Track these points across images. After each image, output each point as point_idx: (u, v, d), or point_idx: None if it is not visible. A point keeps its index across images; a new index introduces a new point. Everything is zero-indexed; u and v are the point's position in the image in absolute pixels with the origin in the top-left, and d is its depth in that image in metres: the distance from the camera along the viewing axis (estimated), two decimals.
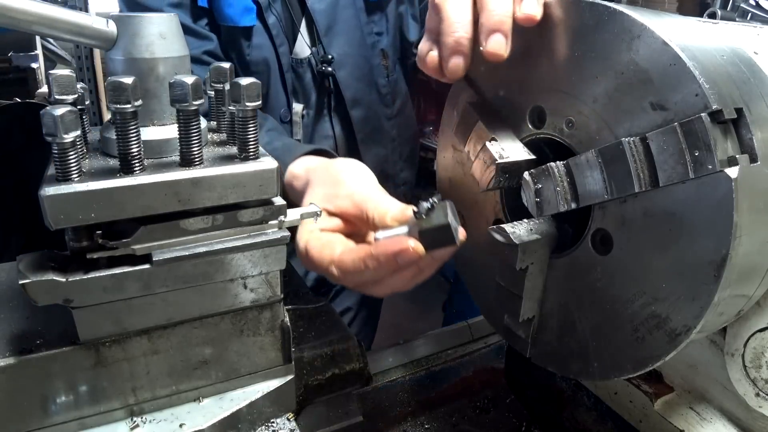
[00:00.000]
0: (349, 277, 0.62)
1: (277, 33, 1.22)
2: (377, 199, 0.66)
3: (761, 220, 0.46)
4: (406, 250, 0.56)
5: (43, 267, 0.50)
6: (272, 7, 1.20)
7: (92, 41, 0.53)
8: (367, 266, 0.59)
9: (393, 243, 0.57)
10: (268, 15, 1.20)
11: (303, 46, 1.27)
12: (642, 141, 0.48)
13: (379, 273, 0.60)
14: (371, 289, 0.65)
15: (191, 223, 0.52)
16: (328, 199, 0.70)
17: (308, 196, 0.74)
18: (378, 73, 1.35)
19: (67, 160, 0.47)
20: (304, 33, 1.27)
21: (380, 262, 0.58)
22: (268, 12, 1.20)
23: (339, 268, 0.62)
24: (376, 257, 0.58)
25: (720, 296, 0.46)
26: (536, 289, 0.61)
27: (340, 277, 0.62)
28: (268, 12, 1.20)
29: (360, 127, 1.34)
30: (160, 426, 0.57)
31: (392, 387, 0.88)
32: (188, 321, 0.57)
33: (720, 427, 0.64)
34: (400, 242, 0.56)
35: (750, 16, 1.34)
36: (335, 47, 1.27)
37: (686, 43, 0.47)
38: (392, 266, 0.58)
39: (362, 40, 1.32)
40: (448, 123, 0.70)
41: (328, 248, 0.64)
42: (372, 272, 0.59)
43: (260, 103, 0.53)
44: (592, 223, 0.55)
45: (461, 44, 0.57)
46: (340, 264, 0.62)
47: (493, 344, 0.99)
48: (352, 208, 0.68)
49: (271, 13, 1.20)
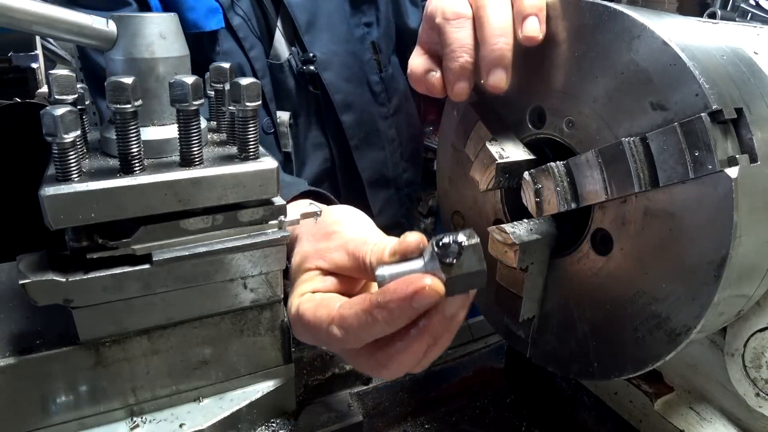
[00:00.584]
0: (354, 336, 0.49)
1: (245, 35, 1.08)
2: (374, 241, 0.56)
3: (761, 220, 0.46)
4: (422, 289, 0.44)
5: (43, 267, 0.50)
6: (235, 7, 1.07)
7: (92, 41, 0.53)
8: (374, 318, 0.47)
9: (405, 282, 0.45)
10: (232, 16, 1.07)
11: (282, 47, 1.13)
12: (642, 141, 0.48)
13: (391, 325, 0.47)
14: (380, 367, 0.51)
15: (191, 223, 0.52)
16: (320, 254, 0.59)
17: (296, 254, 0.62)
18: (369, 69, 1.22)
19: (67, 160, 0.47)
20: (281, 32, 1.13)
21: (391, 310, 0.46)
22: (231, 12, 1.07)
23: (340, 326, 0.50)
24: (385, 304, 0.46)
25: (720, 296, 0.46)
26: (536, 289, 0.61)
27: (343, 337, 0.50)
28: (230, 12, 1.06)
29: (353, 133, 1.21)
30: (160, 426, 0.57)
31: (392, 387, 0.88)
32: (188, 321, 0.57)
33: (720, 427, 0.64)
34: (413, 281, 0.45)
35: (750, 16, 1.34)
36: (318, 45, 1.13)
37: (686, 43, 0.47)
38: (407, 314, 0.46)
39: (349, 34, 1.18)
40: (448, 123, 0.70)
41: (325, 306, 0.53)
42: (382, 326, 0.47)
43: (260, 103, 0.53)
44: (592, 223, 0.55)
45: (466, 69, 0.57)
46: (342, 321, 0.50)
47: (493, 344, 0.98)
48: (347, 259, 0.57)
49: (235, 13, 1.07)
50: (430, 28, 0.60)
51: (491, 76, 0.56)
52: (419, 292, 0.44)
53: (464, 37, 0.57)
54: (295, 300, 0.57)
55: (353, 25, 1.19)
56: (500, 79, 0.56)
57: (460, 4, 0.58)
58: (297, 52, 1.13)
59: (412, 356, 0.49)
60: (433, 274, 0.45)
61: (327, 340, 0.52)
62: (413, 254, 0.49)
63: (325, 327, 0.51)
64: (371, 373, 0.54)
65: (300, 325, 0.55)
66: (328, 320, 0.51)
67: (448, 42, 0.58)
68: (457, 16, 0.57)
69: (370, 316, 0.47)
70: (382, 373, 0.52)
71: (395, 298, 0.45)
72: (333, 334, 0.50)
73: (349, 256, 0.57)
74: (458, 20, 0.57)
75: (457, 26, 0.57)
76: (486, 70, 0.56)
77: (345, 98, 1.18)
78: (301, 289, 0.57)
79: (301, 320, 0.55)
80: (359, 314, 0.48)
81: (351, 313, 0.49)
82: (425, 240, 0.49)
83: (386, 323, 0.47)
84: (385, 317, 0.46)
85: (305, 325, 0.54)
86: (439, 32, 0.58)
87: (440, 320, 0.47)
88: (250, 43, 1.09)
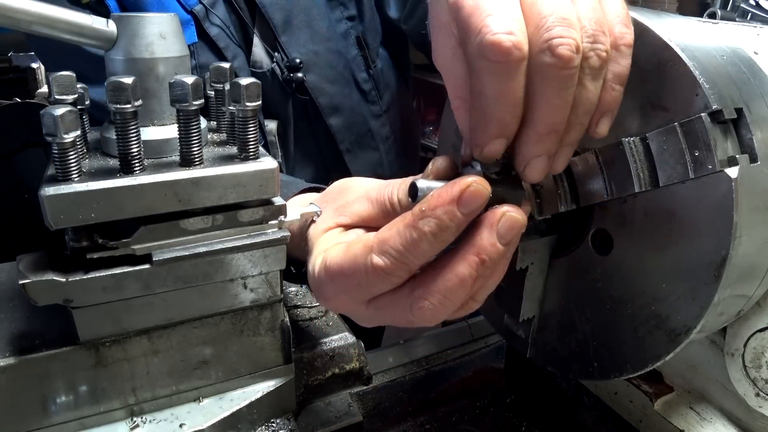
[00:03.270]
0: (399, 262, 0.43)
1: (226, 45, 1.01)
2: (397, 180, 0.51)
3: (761, 220, 0.46)
4: (468, 187, 0.40)
5: (43, 267, 0.50)
6: (211, 16, 0.99)
7: (92, 41, 0.53)
8: (420, 232, 0.41)
9: (448, 186, 0.41)
10: (209, 27, 0.99)
11: (261, 52, 1.07)
12: (642, 141, 0.48)
13: (438, 239, 0.42)
14: (422, 301, 0.44)
15: (191, 223, 0.52)
16: (339, 211, 0.55)
17: (313, 227, 0.57)
18: (356, 67, 1.14)
19: (67, 160, 0.47)
20: (258, 36, 1.05)
21: (438, 218, 0.41)
22: (207, 23, 0.98)
23: (381, 251, 0.43)
24: (431, 211, 0.41)
25: (720, 296, 0.46)
26: (536, 289, 0.61)
27: (386, 266, 0.43)
28: (207, 23, 0.98)
29: (343, 136, 1.14)
30: (160, 426, 0.57)
31: (392, 387, 0.88)
32: (188, 321, 0.57)
33: (720, 427, 0.64)
34: (457, 182, 0.41)
35: (750, 16, 1.34)
36: (297, 45, 1.05)
37: (686, 43, 0.47)
38: (455, 221, 0.41)
39: (331, 30, 1.09)
40: (448, 123, 0.70)
41: (358, 241, 0.47)
42: (428, 241, 0.42)
43: (260, 103, 0.53)
44: (592, 223, 0.55)
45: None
46: (382, 244, 0.44)
47: (493, 344, 0.99)
48: (371, 207, 0.52)
49: (211, 23, 0.99)
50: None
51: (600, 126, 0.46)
52: (466, 192, 0.40)
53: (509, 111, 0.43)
54: (318, 258, 0.50)
55: (335, 21, 1.10)
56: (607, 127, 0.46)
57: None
58: (282, 58, 1.06)
59: (459, 284, 0.43)
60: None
61: (365, 282, 0.45)
62: (447, 176, 0.46)
63: (364, 261, 0.45)
64: (411, 318, 0.46)
65: (328, 278, 0.49)
66: (366, 251, 0.45)
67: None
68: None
69: (415, 230, 0.42)
70: (425, 312, 0.45)
71: (441, 202, 0.41)
72: (374, 265, 0.44)
73: (372, 203, 0.52)
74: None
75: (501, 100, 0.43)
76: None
77: (331, 101, 1.11)
78: (323, 246, 0.52)
79: (329, 272, 0.48)
80: (402, 231, 0.43)
81: (392, 233, 0.43)
82: (456, 165, 0.47)
83: (433, 236, 0.41)
84: (432, 228, 0.41)
85: (335, 273, 0.48)
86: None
87: (491, 241, 0.42)
88: (232, 53, 1.02)
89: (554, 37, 0.38)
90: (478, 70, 0.40)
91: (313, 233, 0.56)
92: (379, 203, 0.51)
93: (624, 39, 0.44)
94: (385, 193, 0.51)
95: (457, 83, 0.45)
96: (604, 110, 0.45)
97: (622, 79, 0.44)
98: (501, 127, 0.41)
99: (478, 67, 0.39)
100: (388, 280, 0.45)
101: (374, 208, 0.52)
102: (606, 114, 0.45)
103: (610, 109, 0.45)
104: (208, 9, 0.99)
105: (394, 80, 1.25)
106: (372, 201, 0.52)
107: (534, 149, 0.42)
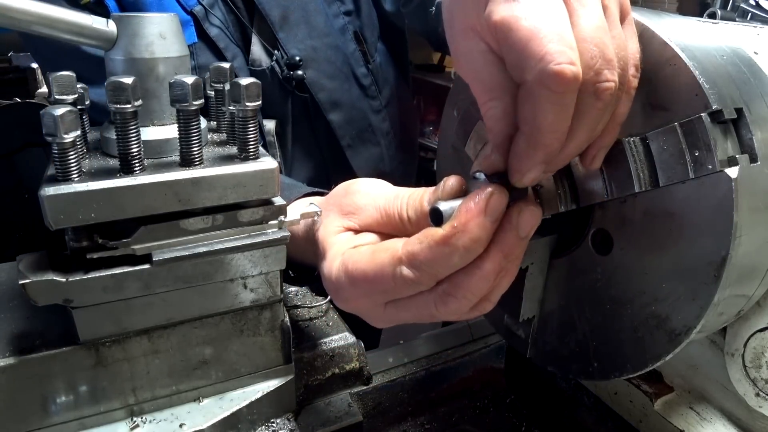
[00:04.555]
0: (429, 274, 0.45)
1: (225, 45, 1.00)
2: (406, 193, 0.51)
3: (761, 220, 0.46)
4: (491, 195, 0.43)
5: (43, 267, 0.50)
6: (210, 17, 0.98)
7: (92, 41, 0.53)
8: (453, 247, 0.43)
9: (472, 199, 0.43)
10: (208, 27, 0.98)
11: (260, 50, 1.06)
12: (642, 141, 0.48)
13: (471, 251, 0.43)
14: (446, 297, 0.46)
15: (191, 223, 0.52)
16: (348, 216, 0.54)
17: (322, 229, 0.56)
18: (355, 62, 1.13)
19: (67, 160, 0.47)
20: (256, 34, 1.05)
21: (471, 233, 0.42)
22: (207, 24, 0.98)
23: (411, 265, 0.45)
24: (464, 226, 0.42)
25: (720, 296, 0.46)
26: (536, 289, 0.61)
27: (416, 278, 0.45)
28: (206, 24, 0.98)
29: (344, 132, 1.14)
30: (160, 426, 0.57)
31: (392, 387, 0.88)
32: (188, 321, 0.57)
33: (720, 427, 0.64)
34: (478, 193, 0.43)
35: (750, 16, 1.34)
36: (295, 41, 1.04)
37: (686, 43, 0.47)
38: (486, 232, 0.43)
39: (328, 26, 1.08)
40: (448, 123, 0.70)
41: (385, 249, 0.47)
42: (461, 254, 0.43)
43: (260, 103, 0.53)
44: (592, 223, 0.55)
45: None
46: (412, 258, 0.44)
47: (493, 344, 0.99)
48: (379, 217, 0.52)
49: (211, 24, 0.98)
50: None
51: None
52: (490, 201, 0.43)
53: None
54: (335, 260, 0.50)
55: (332, 16, 1.10)
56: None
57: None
58: (281, 56, 1.05)
59: (483, 279, 0.45)
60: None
61: (392, 288, 0.47)
62: (458, 196, 0.47)
63: (391, 271, 0.46)
64: (433, 313, 0.47)
65: (349, 282, 0.49)
66: (394, 262, 0.46)
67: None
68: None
69: (448, 246, 0.43)
70: (449, 306, 0.46)
71: (471, 216, 0.43)
72: (403, 276, 0.45)
73: (382, 214, 0.52)
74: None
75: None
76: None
77: (331, 96, 1.10)
78: (339, 249, 0.52)
79: (351, 276, 0.48)
80: (434, 247, 0.44)
81: (423, 248, 0.44)
82: (465, 182, 0.48)
83: (466, 250, 0.43)
84: (466, 243, 0.43)
85: (358, 279, 0.48)
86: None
87: (514, 235, 0.44)
88: (231, 53, 1.02)
89: (602, 81, 0.40)
90: (536, 98, 0.39)
91: (323, 235, 0.56)
92: (389, 216, 0.51)
93: (634, 82, 0.45)
94: (394, 207, 0.51)
95: (491, 87, 0.44)
96: (601, 145, 0.47)
97: (622, 120, 0.46)
98: (548, 154, 0.42)
99: (537, 95, 0.39)
100: (416, 288, 0.46)
101: (382, 218, 0.52)
102: (602, 149, 0.48)
103: (605, 145, 0.47)
104: (207, 9, 0.98)
105: (392, 75, 1.25)
106: (381, 212, 0.52)
107: (531, 163, 0.44)
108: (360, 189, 0.57)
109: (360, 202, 0.55)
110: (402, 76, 1.29)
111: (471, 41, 0.44)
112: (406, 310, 0.49)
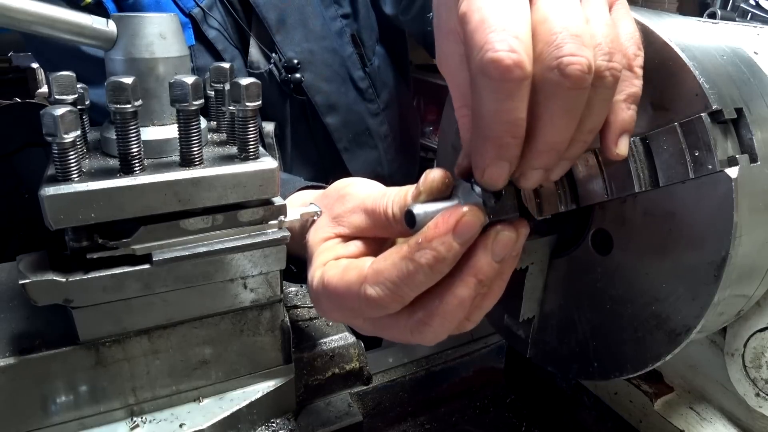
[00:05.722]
0: (392, 293, 0.43)
1: (224, 47, 1.01)
2: (393, 191, 0.49)
3: (761, 220, 0.46)
4: (462, 217, 0.40)
5: (43, 267, 0.50)
6: (209, 19, 0.99)
7: (92, 41, 0.53)
8: (417, 264, 0.41)
9: (445, 216, 0.41)
10: (206, 29, 0.99)
11: (257, 53, 1.07)
12: (642, 141, 0.48)
13: (435, 270, 0.42)
14: (422, 326, 0.44)
15: (191, 223, 0.52)
16: (337, 220, 0.53)
17: (312, 234, 0.56)
18: (352, 65, 1.13)
19: (67, 160, 0.47)
20: (253, 36, 1.05)
21: (435, 250, 0.41)
22: (205, 26, 0.99)
23: (376, 282, 0.43)
24: (428, 243, 0.41)
25: (720, 296, 0.46)
26: (536, 289, 0.61)
27: (379, 297, 0.43)
28: (204, 26, 0.99)
29: (340, 135, 1.14)
30: (160, 426, 0.57)
31: (392, 387, 0.88)
32: (188, 321, 0.57)
33: (720, 427, 0.64)
34: (453, 212, 0.41)
35: (750, 16, 1.34)
36: (292, 44, 1.05)
37: (686, 43, 0.47)
38: (452, 252, 0.41)
39: (325, 29, 1.09)
40: (448, 123, 0.70)
41: (354, 267, 0.46)
42: (425, 272, 0.41)
43: (260, 103, 0.53)
44: (592, 223, 0.55)
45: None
46: (377, 276, 0.43)
47: (493, 344, 0.99)
48: (366, 218, 0.51)
49: (209, 26, 0.99)
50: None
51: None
52: (461, 222, 0.40)
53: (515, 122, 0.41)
54: (317, 271, 0.50)
55: (329, 19, 1.10)
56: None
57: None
58: (279, 59, 1.05)
59: (458, 306, 0.43)
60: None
61: (359, 308, 0.45)
62: (441, 192, 0.45)
63: (357, 289, 0.44)
64: (410, 339, 0.46)
65: (325, 296, 0.48)
66: (360, 280, 0.44)
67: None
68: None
69: (411, 262, 0.41)
70: (425, 335, 0.45)
71: (438, 233, 0.40)
72: (367, 296, 0.43)
73: (368, 214, 0.50)
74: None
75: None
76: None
77: (327, 99, 1.11)
78: (322, 259, 0.51)
79: (326, 290, 0.48)
80: (397, 263, 0.42)
81: (387, 265, 0.43)
82: (450, 175, 0.45)
83: (430, 268, 0.41)
84: (429, 260, 0.41)
85: (331, 294, 0.47)
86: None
87: (487, 261, 0.42)
88: (230, 55, 1.02)
89: (564, 55, 0.37)
90: (478, 87, 0.38)
91: (312, 241, 0.55)
92: (375, 215, 0.50)
93: (637, 60, 0.44)
94: (380, 205, 0.49)
95: (464, 92, 0.44)
96: (623, 130, 0.44)
97: (636, 99, 0.44)
98: (498, 147, 0.39)
99: (478, 84, 0.38)
100: (383, 310, 0.45)
101: (370, 219, 0.51)
102: (624, 134, 0.44)
103: (627, 129, 0.44)
104: (205, 12, 0.98)
105: (391, 78, 1.24)
106: (368, 212, 0.51)
107: (532, 163, 0.41)
108: (351, 191, 0.55)
109: (349, 205, 0.53)
110: (402, 79, 1.29)
111: (451, 44, 0.44)
112: (383, 330, 0.48)
